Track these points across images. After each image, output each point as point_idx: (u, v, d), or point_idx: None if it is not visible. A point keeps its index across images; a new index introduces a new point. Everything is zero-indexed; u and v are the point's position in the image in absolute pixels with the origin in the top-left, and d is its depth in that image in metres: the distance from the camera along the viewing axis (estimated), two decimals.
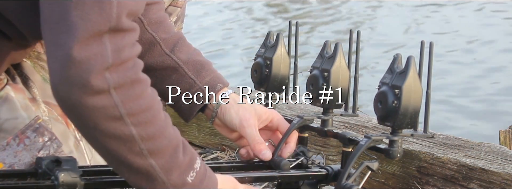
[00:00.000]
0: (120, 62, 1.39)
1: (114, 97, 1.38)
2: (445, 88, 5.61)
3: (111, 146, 1.42)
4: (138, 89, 1.41)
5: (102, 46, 1.37)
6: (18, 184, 1.57)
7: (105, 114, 1.38)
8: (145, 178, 1.46)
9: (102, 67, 1.37)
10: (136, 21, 1.72)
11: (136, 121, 1.40)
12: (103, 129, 1.40)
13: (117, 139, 1.41)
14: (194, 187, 1.50)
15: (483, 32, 7.07)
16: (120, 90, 1.39)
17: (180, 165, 1.47)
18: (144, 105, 1.41)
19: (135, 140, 1.41)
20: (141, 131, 1.41)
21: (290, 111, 2.61)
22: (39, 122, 1.67)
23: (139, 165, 1.44)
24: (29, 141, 1.65)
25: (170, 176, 1.46)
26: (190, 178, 1.49)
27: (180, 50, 1.80)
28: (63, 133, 1.70)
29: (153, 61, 1.79)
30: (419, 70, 1.62)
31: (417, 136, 1.66)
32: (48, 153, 1.66)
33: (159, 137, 1.44)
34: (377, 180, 2.31)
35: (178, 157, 1.47)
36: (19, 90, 1.68)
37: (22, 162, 1.64)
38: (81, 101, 1.37)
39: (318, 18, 7.91)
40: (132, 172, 1.45)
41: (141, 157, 1.43)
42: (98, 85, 1.37)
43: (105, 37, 1.38)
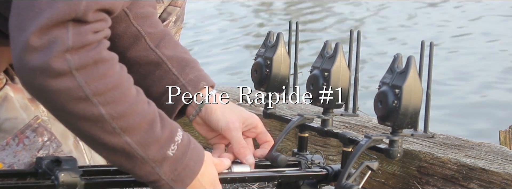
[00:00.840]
0: (81, 45, 1.37)
1: (77, 78, 1.36)
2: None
3: (83, 127, 1.40)
4: (102, 69, 1.38)
5: (63, 31, 1.36)
6: (18, 184, 1.57)
7: (70, 95, 1.37)
8: (124, 156, 1.44)
9: (62, 49, 1.35)
10: (121, 14, 1.71)
11: (103, 100, 1.38)
12: (71, 111, 1.38)
13: (87, 120, 1.39)
14: (177, 160, 1.47)
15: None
16: (82, 71, 1.36)
17: (158, 139, 1.44)
18: (110, 83, 1.39)
19: (105, 119, 1.39)
20: (110, 110, 1.39)
21: (290, 111, 2.61)
22: (39, 122, 1.67)
23: (114, 143, 1.41)
24: (29, 140, 1.65)
25: (148, 152, 1.44)
26: (171, 152, 1.46)
27: (166, 46, 1.76)
28: (62, 132, 1.70)
29: (137, 56, 1.75)
30: (419, 70, 1.62)
31: (417, 136, 1.66)
32: (47, 153, 1.66)
33: (130, 114, 1.41)
34: (377, 180, 2.31)
35: (155, 131, 1.44)
36: (18, 90, 1.68)
37: (22, 162, 1.64)
38: (44, 84, 1.36)
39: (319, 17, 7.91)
40: (110, 151, 1.43)
41: (115, 135, 1.41)
42: (58, 67, 1.35)
43: (68, 24, 1.36)
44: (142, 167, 1.45)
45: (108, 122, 1.39)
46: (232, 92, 2.81)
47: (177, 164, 1.48)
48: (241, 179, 1.74)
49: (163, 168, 1.47)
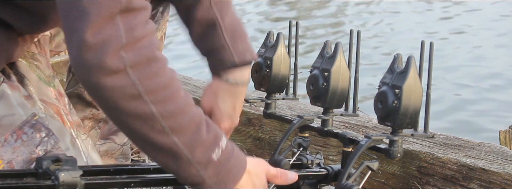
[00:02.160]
0: (134, 41, 1.40)
1: (131, 76, 1.40)
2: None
3: (134, 125, 1.44)
4: (155, 67, 1.42)
5: (115, 27, 1.39)
6: (18, 184, 1.57)
7: (123, 93, 1.40)
8: (171, 157, 1.47)
9: (117, 47, 1.39)
10: None
11: (155, 98, 1.41)
12: (124, 108, 1.41)
13: (138, 118, 1.42)
14: (221, 164, 1.50)
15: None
16: (136, 69, 1.40)
17: (204, 142, 1.47)
18: (162, 82, 1.43)
19: (156, 118, 1.42)
20: (161, 108, 1.42)
21: (290, 111, 2.61)
22: (36, 119, 1.67)
23: (162, 143, 1.45)
24: (27, 136, 1.66)
25: (194, 153, 1.46)
26: (216, 156, 1.49)
27: (226, 13, 1.78)
28: (59, 130, 1.71)
29: (199, 13, 1.76)
30: (419, 70, 1.62)
31: (417, 136, 1.66)
32: (45, 149, 1.66)
33: (179, 114, 1.44)
34: (377, 180, 2.31)
35: (202, 134, 1.47)
36: (15, 88, 1.69)
37: (20, 158, 1.65)
38: (100, 81, 1.39)
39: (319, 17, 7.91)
40: (157, 150, 1.46)
41: (164, 134, 1.44)
42: (114, 65, 1.39)
43: (117, 18, 1.40)
44: (187, 168, 1.48)
45: (158, 120, 1.43)
46: None
47: (221, 168, 1.50)
48: None
49: (208, 171, 1.49)
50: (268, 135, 2.62)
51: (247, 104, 2.70)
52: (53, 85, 1.76)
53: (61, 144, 1.69)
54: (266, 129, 2.63)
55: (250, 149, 2.67)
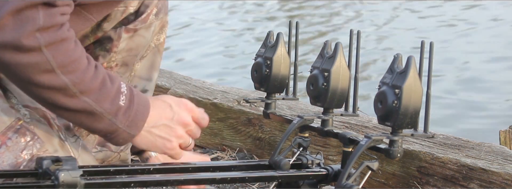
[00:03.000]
0: (50, 25, 1.52)
1: (45, 53, 1.53)
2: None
3: (47, 95, 1.57)
4: (66, 45, 1.55)
5: (34, 11, 1.51)
6: (18, 184, 1.57)
7: (38, 69, 1.53)
8: (85, 114, 1.60)
9: (33, 29, 1.51)
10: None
11: (66, 70, 1.55)
12: (38, 82, 1.55)
13: (51, 88, 1.56)
14: (128, 108, 1.63)
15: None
16: (50, 47, 1.53)
17: (109, 93, 1.61)
18: (72, 56, 1.55)
19: (68, 86, 1.56)
20: (72, 77, 1.56)
21: (290, 111, 2.61)
22: (20, 123, 1.68)
23: (76, 105, 1.59)
24: (11, 142, 1.67)
25: (104, 106, 1.60)
26: (122, 102, 1.63)
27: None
28: (46, 133, 1.71)
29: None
30: (419, 70, 1.62)
31: (417, 136, 1.66)
32: (31, 153, 1.67)
33: (87, 78, 1.58)
34: (377, 180, 2.31)
35: (107, 87, 1.61)
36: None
37: (6, 163, 1.65)
38: (15, 57, 1.52)
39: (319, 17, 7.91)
40: (72, 112, 1.60)
41: (75, 97, 1.58)
42: (29, 44, 1.51)
43: (38, 6, 1.51)
44: (101, 121, 1.62)
45: (70, 87, 1.56)
46: (232, 92, 2.81)
47: (129, 112, 1.64)
48: (241, 179, 1.74)
49: (119, 117, 1.63)
50: (268, 135, 2.62)
51: (247, 104, 2.71)
52: None
53: (49, 146, 1.70)
54: (266, 129, 2.63)
55: (250, 149, 2.67)
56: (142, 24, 1.85)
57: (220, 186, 2.44)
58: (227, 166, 1.79)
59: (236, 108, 2.71)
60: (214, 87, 2.89)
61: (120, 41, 1.85)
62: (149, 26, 1.89)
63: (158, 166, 1.75)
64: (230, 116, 2.72)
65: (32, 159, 1.67)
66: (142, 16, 1.86)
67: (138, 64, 1.96)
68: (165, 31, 2.03)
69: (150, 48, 1.95)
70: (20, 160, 1.66)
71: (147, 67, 1.97)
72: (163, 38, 2.00)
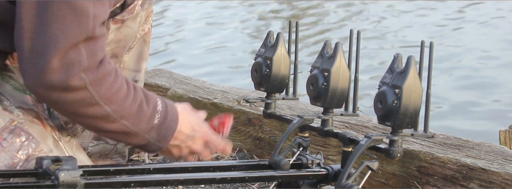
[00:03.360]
0: (94, 65, 1.60)
1: (90, 90, 1.61)
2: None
3: (91, 123, 1.67)
4: (109, 79, 1.63)
5: (78, 53, 1.58)
6: (18, 184, 1.57)
7: (83, 103, 1.62)
8: (122, 134, 1.70)
9: (79, 71, 1.58)
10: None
11: (108, 101, 1.64)
12: (83, 114, 1.64)
13: (95, 118, 1.65)
14: (161, 125, 1.73)
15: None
16: (94, 84, 1.61)
17: (146, 115, 1.70)
18: (114, 88, 1.64)
19: (110, 114, 1.65)
20: (113, 107, 1.65)
21: (290, 110, 2.60)
22: (15, 124, 1.68)
23: (115, 128, 1.68)
24: (6, 142, 1.67)
25: (140, 127, 1.70)
26: (157, 120, 1.72)
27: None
28: (40, 133, 1.72)
29: None
30: (419, 70, 1.62)
31: (417, 136, 1.66)
32: (27, 153, 1.68)
33: (126, 105, 1.66)
34: (377, 180, 2.31)
35: (144, 110, 1.70)
36: None
37: (2, 164, 1.66)
38: (62, 96, 1.60)
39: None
40: (111, 133, 1.71)
41: (116, 122, 1.67)
42: (76, 85, 1.59)
43: (80, 45, 1.58)
44: (134, 138, 1.71)
45: (111, 115, 1.65)
46: (232, 92, 2.81)
47: (161, 128, 1.73)
48: (241, 179, 1.74)
49: (151, 134, 1.72)
50: (268, 135, 2.62)
51: (247, 104, 2.70)
52: (29, 92, 1.76)
53: (43, 146, 1.70)
54: (266, 129, 2.63)
55: (250, 149, 2.67)
56: (129, 15, 1.85)
57: (220, 186, 2.44)
58: (227, 166, 1.79)
59: (236, 108, 2.71)
60: (214, 87, 2.89)
61: (108, 32, 1.85)
62: (135, 17, 1.89)
63: (158, 166, 1.75)
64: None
65: (28, 159, 1.67)
66: (129, 7, 1.86)
67: (126, 56, 1.96)
68: (150, 21, 2.03)
69: (136, 39, 1.95)
70: (16, 160, 1.66)
71: (135, 59, 1.97)
72: (148, 28, 2.00)
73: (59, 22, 1.55)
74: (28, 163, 1.67)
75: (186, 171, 1.76)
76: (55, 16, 1.56)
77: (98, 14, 1.59)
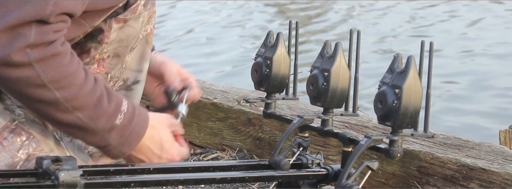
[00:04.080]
0: (41, 42, 1.55)
1: (36, 69, 1.55)
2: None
3: (39, 108, 1.60)
4: (58, 60, 1.57)
5: (26, 29, 1.54)
6: (18, 184, 1.57)
7: (28, 83, 1.56)
8: (77, 129, 1.63)
9: (23, 45, 1.54)
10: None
11: (58, 85, 1.57)
12: (29, 95, 1.58)
13: (43, 102, 1.59)
14: (124, 127, 1.66)
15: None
16: (41, 63, 1.55)
17: (106, 112, 1.63)
18: (65, 71, 1.58)
19: (60, 101, 1.59)
20: (64, 93, 1.58)
21: (290, 110, 2.61)
22: (16, 123, 1.68)
23: (68, 120, 1.61)
24: (7, 141, 1.67)
25: (98, 123, 1.63)
26: (119, 121, 1.65)
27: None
28: (41, 133, 1.72)
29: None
30: (419, 70, 1.62)
31: (417, 136, 1.66)
32: (27, 152, 1.68)
33: (81, 95, 1.60)
34: (377, 180, 2.31)
35: (103, 106, 1.63)
36: None
37: (3, 163, 1.66)
38: (5, 72, 1.55)
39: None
40: (63, 125, 1.63)
41: (68, 113, 1.60)
42: (19, 60, 1.54)
43: (32, 23, 1.55)
44: (93, 136, 1.65)
45: (63, 103, 1.59)
46: (232, 92, 2.81)
47: (124, 131, 1.67)
48: (241, 179, 1.74)
49: (112, 135, 1.65)
50: (268, 135, 2.62)
51: (247, 104, 2.71)
52: None
53: (44, 146, 1.70)
54: (266, 129, 2.63)
55: (250, 149, 2.67)
56: (131, 14, 1.85)
57: (220, 186, 2.44)
58: (227, 166, 1.79)
59: (236, 108, 2.71)
60: (214, 87, 2.89)
61: (111, 31, 1.85)
62: (138, 17, 1.89)
63: (158, 166, 1.75)
64: (230, 116, 2.72)
65: (29, 158, 1.67)
66: (131, 6, 1.87)
67: (128, 56, 1.96)
68: (153, 22, 2.03)
69: (138, 40, 1.95)
70: (17, 160, 1.66)
71: (138, 59, 1.97)
72: (150, 28, 2.00)
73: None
74: (29, 163, 1.67)
75: (186, 171, 1.76)
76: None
77: (60, 3, 1.57)
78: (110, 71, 1.84)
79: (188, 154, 1.81)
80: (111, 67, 1.85)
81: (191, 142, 2.83)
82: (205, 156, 2.74)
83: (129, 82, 1.89)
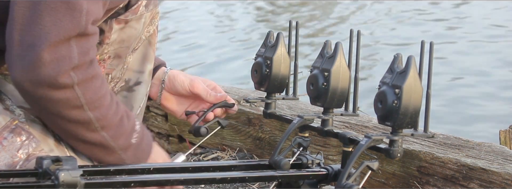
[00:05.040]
0: (84, 63, 1.59)
1: (76, 91, 1.59)
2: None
3: (71, 128, 1.64)
4: (96, 82, 1.62)
5: (69, 49, 1.57)
6: (18, 184, 1.57)
7: (68, 104, 1.60)
8: (99, 147, 1.69)
9: (69, 68, 1.56)
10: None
11: (92, 106, 1.62)
12: (65, 116, 1.62)
13: (76, 123, 1.63)
14: (137, 145, 1.73)
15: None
16: (82, 85, 1.59)
17: (125, 131, 1.70)
18: (100, 93, 1.63)
19: (92, 121, 1.64)
20: (96, 113, 1.64)
21: (290, 110, 2.61)
22: (16, 123, 1.68)
23: (94, 138, 1.67)
24: (7, 141, 1.67)
25: (118, 142, 1.69)
26: (134, 139, 1.72)
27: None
28: (41, 132, 1.72)
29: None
30: (419, 70, 1.62)
31: (417, 136, 1.66)
32: (27, 152, 1.68)
33: (109, 114, 1.66)
34: (377, 179, 2.31)
35: (124, 125, 1.70)
36: None
37: (2, 163, 1.66)
38: (48, 94, 1.57)
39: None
40: (88, 145, 1.68)
41: (95, 132, 1.66)
42: (64, 82, 1.57)
43: (72, 41, 1.57)
44: (111, 155, 1.70)
45: (93, 123, 1.64)
46: (232, 92, 2.81)
47: (137, 149, 1.74)
48: (241, 179, 1.74)
49: (128, 153, 1.72)
50: (268, 135, 2.62)
51: (247, 104, 2.71)
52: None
53: (44, 146, 1.70)
54: (266, 129, 2.63)
55: (250, 149, 2.67)
56: (132, 15, 1.85)
57: (220, 186, 2.44)
58: (227, 166, 1.79)
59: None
60: None
61: (111, 32, 1.85)
62: (140, 18, 1.89)
63: (158, 166, 1.75)
64: (230, 116, 2.72)
65: (28, 158, 1.67)
66: (132, 7, 1.87)
67: (130, 57, 1.96)
68: (156, 23, 2.03)
69: (141, 41, 1.95)
70: (16, 159, 1.66)
71: (140, 60, 1.97)
72: (153, 29, 2.00)
73: (51, 15, 1.55)
74: (28, 162, 1.67)
75: (186, 171, 1.76)
76: (48, 9, 1.55)
77: (91, 11, 1.59)
78: (111, 72, 1.85)
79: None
80: (112, 68, 1.86)
81: (191, 142, 2.83)
82: (205, 156, 2.74)
83: (131, 83, 1.89)
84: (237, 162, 1.81)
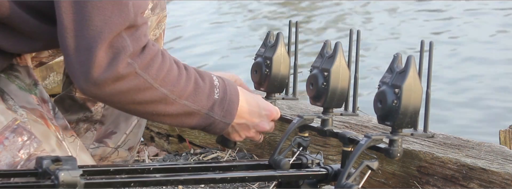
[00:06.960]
0: (139, 49, 1.59)
1: (141, 74, 1.60)
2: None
3: (151, 108, 1.66)
4: (157, 60, 1.62)
5: (122, 40, 1.57)
6: (18, 184, 1.57)
7: (138, 89, 1.61)
8: (184, 115, 1.70)
9: (125, 57, 1.57)
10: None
11: (162, 83, 1.63)
12: (141, 101, 1.63)
13: (154, 102, 1.64)
14: (222, 100, 1.73)
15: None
16: (143, 68, 1.60)
17: (204, 91, 1.70)
18: (164, 68, 1.64)
19: (168, 96, 1.65)
20: (169, 87, 1.64)
21: (290, 110, 2.61)
22: (17, 123, 1.68)
23: (177, 109, 1.67)
24: (8, 141, 1.67)
25: (201, 104, 1.69)
26: (216, 95, 1.72)
27: None
28: (43, 133, 1.72)
29: None
30: (419, 70, 1.62)
31: (417, 136, 1.66)
32: (28, 152, 1.67)
33: (181, 83, 1.66)
34: (377, 179, 2.31)
35: (200, 86, 1.70)
36: None
37: (4, 162, 1.66)
38: (116, 87, 1.59)
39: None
40: (173, 116, 1.69)
41: (175, 103, 1.66)
42: (126, 71, 1.58)
43: (123, 33, 1.57)
44: (199, 117, 1.71)
45: (169, 96, 1.65)
46: None
47: (223, 103, 1.73)
48: (241, 179, 1.74)
49: (215, 110, 1.72)
50: (268, 135, 2.62)
51: None
52: (35, 92, 1.77)
53: (46, 146, 1.70)
54: None
55: (250, 148, 2.67)
56: None
57: (220, 186, 2.44)
58: (227, 166, 1.79)
59: None
60: None
61: None
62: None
63: (158, 166, 1.75)
64: None
65: (30, 158, 1.67)
66: None
67: None
68: (162, 27, 2.03)
69: None
70: (18, 159, 1.66)
71: None
72: (159, 33, 2.00)
73: (100, 14, 1.55)
74: (30, 163, 1.67)
75: (186, 171, 1.76)
76: (95, 9, 1.55)
77: (137, 3, 1.59)
78: None
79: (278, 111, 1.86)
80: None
81: (191, 142, 2.83)
82: (205, 156, 2.74)
83: None
84: (237, 162, 1.81)
